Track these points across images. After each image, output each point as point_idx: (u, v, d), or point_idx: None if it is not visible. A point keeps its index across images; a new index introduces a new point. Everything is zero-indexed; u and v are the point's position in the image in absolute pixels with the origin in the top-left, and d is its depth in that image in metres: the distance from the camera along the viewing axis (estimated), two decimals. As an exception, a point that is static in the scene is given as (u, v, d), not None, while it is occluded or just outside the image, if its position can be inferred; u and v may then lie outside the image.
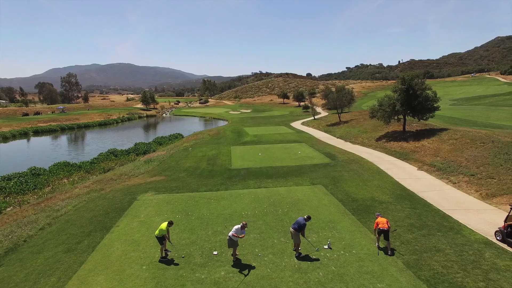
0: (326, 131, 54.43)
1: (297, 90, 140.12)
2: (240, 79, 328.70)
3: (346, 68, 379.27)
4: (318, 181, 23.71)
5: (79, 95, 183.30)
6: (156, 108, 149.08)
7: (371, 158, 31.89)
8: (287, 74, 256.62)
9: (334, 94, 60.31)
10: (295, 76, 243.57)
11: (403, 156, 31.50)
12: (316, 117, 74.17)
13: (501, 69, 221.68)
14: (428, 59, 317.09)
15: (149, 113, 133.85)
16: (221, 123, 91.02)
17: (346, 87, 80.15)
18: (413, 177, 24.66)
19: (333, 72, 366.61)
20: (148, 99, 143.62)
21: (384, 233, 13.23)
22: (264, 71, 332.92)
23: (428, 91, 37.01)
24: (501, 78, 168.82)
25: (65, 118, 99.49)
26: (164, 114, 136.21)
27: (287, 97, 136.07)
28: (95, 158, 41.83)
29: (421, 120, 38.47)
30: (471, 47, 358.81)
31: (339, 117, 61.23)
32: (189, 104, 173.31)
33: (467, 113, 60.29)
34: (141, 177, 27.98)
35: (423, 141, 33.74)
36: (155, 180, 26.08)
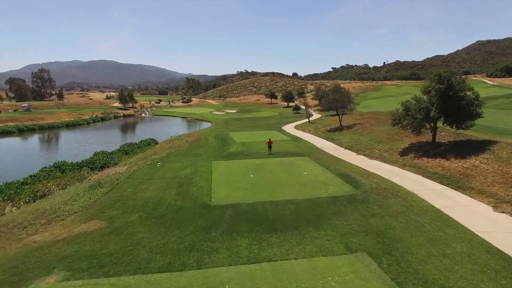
0: (327, 139, 44.83)
1: (285, 90, 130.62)
2: (225, 78, 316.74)
3: (332, 68, 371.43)
4: (356, 242, 13.85)
5: (53, 92, 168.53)
6: (135, 107, 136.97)
7: (408, 184, 22.39)
8: (273, 73, 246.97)
9: (335, 95, 50.83)
10: (281, 75, 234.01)
11: (453, 182, 22.07)
12: (310, 119, 64.61)
13: (485, 71, 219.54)
14: (413, 61, 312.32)
15: (126, 112, 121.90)
16: (204, 125, 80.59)
17: (342, 85, 71.08)
18: (503, 229, 15.18)
19: (319, 72, 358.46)
20: (125, 98, 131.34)
21: (269, 146, 33.63)
22: (249, 70, 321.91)
23: (468, 92, 27.94)
24: (487, 81, 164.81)
25: (28, 117, 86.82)
26: (143, 114, 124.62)
27: (275, 97, 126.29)
28: (33, 176, 30.92)
29: (456, 129, 29.39)
30: (453, 50, 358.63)
31: (340, 121, 51.84)
32: (171, 103, 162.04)
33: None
34: (69, 220, 17.52)
35: (472, 159, 24.48)
36: (84, 232, 15.67)
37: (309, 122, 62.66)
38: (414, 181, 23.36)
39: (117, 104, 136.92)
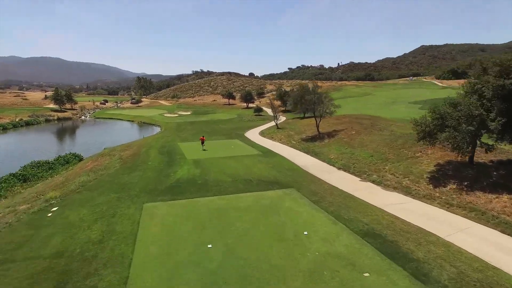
0: (308, 152, 33.94)
1: (244, 90, 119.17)
2: (180, 78, 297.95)
3: (288, 68, 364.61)
4: None
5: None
6: (75, 109, 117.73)
7: (500, 258, 11.90)
8: (230, 73, 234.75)
9: (312, 95, 40.37)
10: (238, 75, 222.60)
11: None
12: (278, 123, 53.54)
13: (430, 74, 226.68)
14: (366, 62, 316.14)
15: (62, 115, 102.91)
16: (152, 130, 66.81)
17: (308, 84, 61.12)
18: None
19: (275, 73, 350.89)
20: (62, 98, 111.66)
21: (202, 142, 35.96)
22: (205, 70, 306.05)
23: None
24: (437, 82, 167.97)
25: None
26: (83, 117, 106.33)
27: (233, 97, 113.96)
28: None
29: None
30: (401, 53, 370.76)
31: (318, 127, 41.44)
32: (119, 104, 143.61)
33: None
34: None
35: None
36: None
37: (277, 127, 51.65)
38: (501, 247, 12.88)
39: (52, 105, 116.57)
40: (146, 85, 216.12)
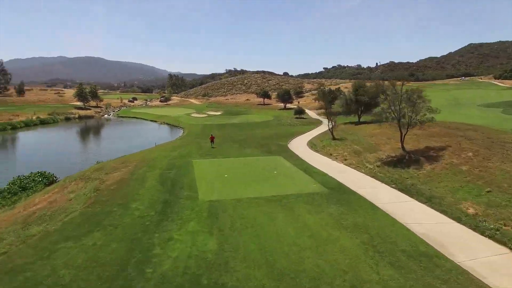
0: (408, 191, 18.83)
1: (280, 88, 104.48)
2: (213, 77, 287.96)
3: (324, 68, 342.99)
4: None
5: (8, 86, 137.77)
6: (100, 106, 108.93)
7: None
8: (264, 72, 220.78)
9: (398, 95, 25.13)
10: (273, 74, 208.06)
11: None
12: (333, 131, 38.42)
13: (485, 73, 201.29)
14: (408, 62, 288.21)
15: (85, 113, 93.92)
16: (171, 135, 54.45)
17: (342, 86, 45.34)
18: None
19: (310, 72, 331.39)
20: (86, 95, 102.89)
21: (211, 140, 35.30)
22: (239, 69, 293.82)
23: None
24: (497, 83, 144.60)
25: None
26: (106, 115, 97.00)
27: (268, 97, 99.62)
28: None
29: None
30: (445, 52, 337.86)
31: (402, 142, 26.31)
32: (148, 102, 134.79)
33: None
34: None
35: None
36: None
37: (334, 138, 36.68)
38: None
39: (76, 103, 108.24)
40: (178, 83, 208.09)
